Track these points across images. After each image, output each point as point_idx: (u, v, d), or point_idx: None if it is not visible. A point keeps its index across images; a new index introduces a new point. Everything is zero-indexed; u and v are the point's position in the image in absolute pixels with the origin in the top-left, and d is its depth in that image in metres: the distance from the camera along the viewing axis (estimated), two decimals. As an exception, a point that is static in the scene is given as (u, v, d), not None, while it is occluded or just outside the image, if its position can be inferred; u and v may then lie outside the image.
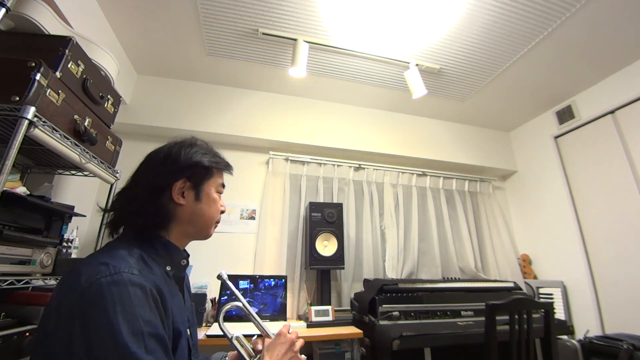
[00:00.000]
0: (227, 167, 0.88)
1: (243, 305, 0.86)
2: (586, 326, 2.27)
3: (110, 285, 0.57)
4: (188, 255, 0.81)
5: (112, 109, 1.54)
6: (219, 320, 0.84)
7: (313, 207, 2.30)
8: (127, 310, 0.55)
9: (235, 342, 0.83)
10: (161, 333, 0.59)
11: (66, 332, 0.54)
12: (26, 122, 0.97)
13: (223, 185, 0.86)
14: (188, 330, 0.75)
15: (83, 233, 2.02)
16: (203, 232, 0.81)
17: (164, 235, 0.75)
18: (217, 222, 0.84)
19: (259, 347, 0.82)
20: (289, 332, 0.83)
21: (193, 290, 1.90)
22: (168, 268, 0.73)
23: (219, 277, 0.88)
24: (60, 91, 1.13)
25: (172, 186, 0.75)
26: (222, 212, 0.85)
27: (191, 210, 0.77)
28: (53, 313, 0.58)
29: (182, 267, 0.79)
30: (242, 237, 2.44)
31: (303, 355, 0.84)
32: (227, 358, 0.91)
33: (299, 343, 0.83)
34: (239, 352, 0.83)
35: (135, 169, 0.80)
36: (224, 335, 0.83)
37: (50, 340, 0.55)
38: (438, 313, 1.84)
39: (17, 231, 1.07)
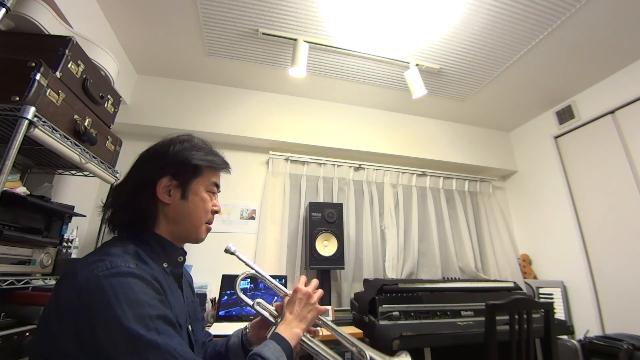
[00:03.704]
0: (223, 166, 0.83)
1: (257, 272, 0.89)
2: (586, 326, 2.27)
3: (109, 277, 0.56)
4: (185, 253, 0.80)
5: (112, 109, 1.55)
6: (237, 290, 0.86)
7: (313, 207, 2.30)
8: (129, 298, 0.55)
9: (257, 307, 0.86)
10: (169, 315, 0.59)
11: (72, 331, 0.54)
12: (26, 122, 0.97)
13: (216, 185, 0.82)
14: (189, 326, 0.75)
15: (83, 233, 2.02)
16: (192, 233, 0.77)
17: (157, 232, 0.74)
18: (209, 223, 0.81)
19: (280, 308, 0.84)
20: (305, 286, 0.84)
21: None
22: (165, 265, 0.73)
23: (227, 250, 0.86)
24: (60, 91, 1.13)
25: (157, 184, 0.73)
26: (215, 212, 0.81)
27: (177, 209, 0.74)
28: (53, 314, 0.58)
29: (179, 264, 0.78)
30: (242, 237, 2.44)
31: (324, 306, 0.84)
32: (248, 329, 0.91)
33: (317, 295, 0.84)
34: (263, 315, 0.85)
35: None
36: (245, 304, 0.86)
37: (57, 340, 0.55)
38: (438, 313, 1.84)
39: (17, 231, 1.07)
